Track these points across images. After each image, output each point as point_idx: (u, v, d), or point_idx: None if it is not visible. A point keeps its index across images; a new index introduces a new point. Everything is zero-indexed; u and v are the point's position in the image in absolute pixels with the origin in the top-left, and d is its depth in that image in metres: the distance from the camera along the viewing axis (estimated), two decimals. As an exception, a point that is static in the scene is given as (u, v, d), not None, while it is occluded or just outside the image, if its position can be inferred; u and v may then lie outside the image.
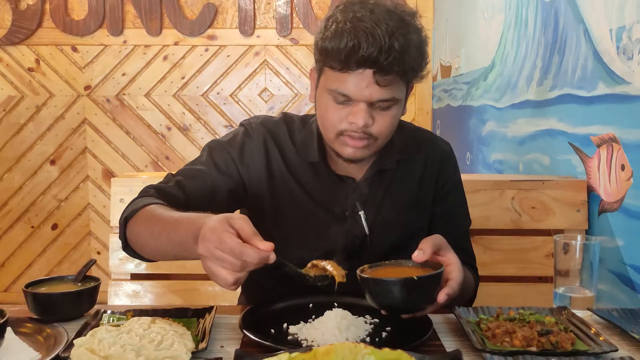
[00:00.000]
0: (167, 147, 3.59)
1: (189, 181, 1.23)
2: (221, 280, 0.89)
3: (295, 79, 3.55)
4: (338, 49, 1.08)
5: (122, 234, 1.13)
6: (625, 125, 1.43)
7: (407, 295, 0.94)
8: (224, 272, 0.88)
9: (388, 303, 0.98)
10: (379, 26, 1.07)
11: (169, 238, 1.01)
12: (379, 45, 1.06)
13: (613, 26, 1.47)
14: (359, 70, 1.09)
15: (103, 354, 0.82)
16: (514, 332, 0.93)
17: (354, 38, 1.07)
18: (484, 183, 1.69)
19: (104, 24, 3.46)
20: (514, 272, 1.69)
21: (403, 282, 0.93)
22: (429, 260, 1.01)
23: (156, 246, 1.06)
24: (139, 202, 1.13)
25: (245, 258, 0.87)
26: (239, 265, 0.87)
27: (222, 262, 0.87)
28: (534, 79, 2.02)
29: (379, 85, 1.10)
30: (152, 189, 1.19)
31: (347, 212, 1.28)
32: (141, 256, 1.13)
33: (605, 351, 0.88)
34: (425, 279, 0.95)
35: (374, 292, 0.97)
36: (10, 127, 3.53)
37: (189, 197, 1.20)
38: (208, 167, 1.26)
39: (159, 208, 1.08)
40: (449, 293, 0.98)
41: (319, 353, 0.73)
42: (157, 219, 1.05)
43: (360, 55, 1.07)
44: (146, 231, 1.07)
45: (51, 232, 3.61)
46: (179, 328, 0.93)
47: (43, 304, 1.06)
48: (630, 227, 1.41)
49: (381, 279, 0.96)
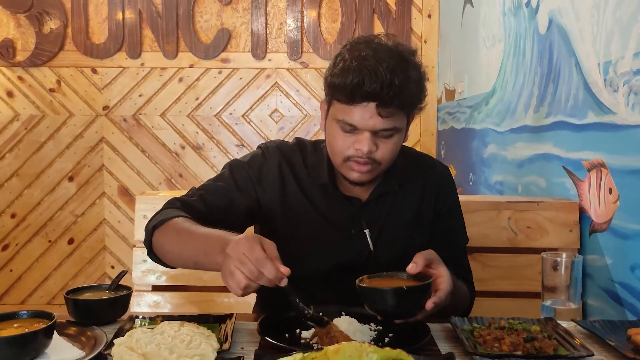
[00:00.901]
0: (181, 165, 3.73)
1: (211, 196, 1.36)
2: (235, 281, 1.01)
3: (305, 101, 3.68)
4: (345, 84, 1.22)
5: (148, 241, 1.27)
6: (612, 152, 1.55)
7: (399, 303, 1.08)
8: (240, 275, 1.00)
9: (382, 309, 1.11)
10: (381, 64, 1.20)
11: (195, 248, 1.15)
12: (380, 82, 1.19)
13: (601, 60, 1.60)
14: (364, 103, 1.23)
15: (140, 351, 0.94)
16: (503, 338, 1.04)
17: (358, 75, 1.20)
18: (482, 204, 1.80)
19: (123, 47, 3.61)
20: (509, 288, 1.79)
21: (394, 291, 1.07)
22: (421, 273, 1.14)
23: (180, 254, 1.20)
24: (167, 213, 1.27)
25: (264, 270, 1.00)
26: (255, 275, 1.00)
27: (242, 267, 1.00)
28: (531, 106, 2.14)
29: (381, 117, 1.23)
30: (178, 201, 1.33)
31: (353, 230, 1.40)
32: (162, 261, 1.27)
33: (583, 355, 0.99)
34: (414, 289, 1.08)
35: (370, 299, 1.10)
36: (31, 145, 3.67)
37: (211, 211, 1.33)
38: (229, 184, 1.39)
39: (186, 222, 1.22)
40: (436, 302, 1.10)
41: (329, 351, 0.85)
42: (186, 231, 1.19)
43: (364, 90, 1.20)
44: (173, 240, 1.21)
45: (67, 247, 3.73)
46: (205, 331, 1.05)
47: (83, 309, 1.18)
48: (617, 247, 1.52)
49: (376, 288, 1.09)
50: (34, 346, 0.98)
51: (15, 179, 3.67)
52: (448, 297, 1.13)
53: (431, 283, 1.10)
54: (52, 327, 1.01)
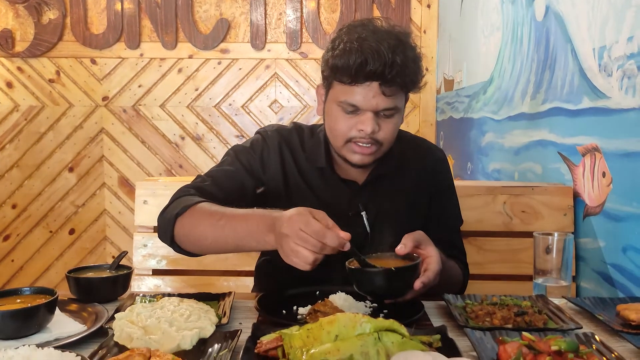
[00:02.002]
0: (181, 156, 3.75)
1: (223, 180, 1.37)
2: (301, 258, 1.02)
3: (304, 91, 3.70)
4: (348, 65, 1.24)
5: (170, 230, 1.25)
6: (605, 136, 1.57)
7: (387, 283, 1.09)
8: (305, 251, 1.01)
9: (371, 290, 1.12)
10: (382, 44, 1.22)
11: (234, 229, 1.14)
12: (383, 61, 1.21)
13: (596, 45, 1.61)
14: (366, 83, 1.25)
15: (141, 324, 0.97)
16: (494, 313, 1.07)
17: (361, 55, 1.22)
18: (477, 188, 1.83)
19: (122, 38, 3.62)
20: (504, 271, 1.82)
21: (383, 272, 1.08)
22: (410, 253, 1.15)
23: (216, 238, 1.18)
24: (186, 200, 1.26)
25: (326, 241, 1.01)
26: (319, 247, 1.01)
27: (305, 243, 1.01)
28: (527, 93, 2.16)
29: (384, 95, 1.25)
30: (191, 188, 1.33)
31: (350, 212, 1.42)
32: (187, 251, 1.26)
33: (571, 328, 1.01)
34: (403, 269, 1.09)
35: (359, 280, 1.12)
36: (31, 136, 3.69)
37: (226, 195, 1.33)
38: (237, 168, 1.40)
39: (214, 205, 1.21)
40: (424, 282, 1.12)
41: (324, 322, 0.87)
42: (219, 213, 1.18)
43: (368, 70, 1.22)
44: (207, 224, 1.18)
45: (68, 237, 3.76)
46: (204, 306, 1.08)
47: (84, 287, 1.21)
48: (610, 229, 1.54)
49: (365, 269, 1.11)
50: (36, 320, 1.01)
51: (15, 170, 3.69)
52: (437, 277, 1.15)
53: (419, 264, 1.12)
54: (54, 301, 1.04)
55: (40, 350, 0.87)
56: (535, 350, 0.86)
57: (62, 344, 0.96)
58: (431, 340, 0.93)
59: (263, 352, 0.89)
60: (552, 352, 0.85)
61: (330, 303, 1.14)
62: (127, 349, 0.91)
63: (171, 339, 0.93)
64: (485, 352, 0.92)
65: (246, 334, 0.96)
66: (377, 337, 0.85)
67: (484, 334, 0.99)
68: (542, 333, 0.98)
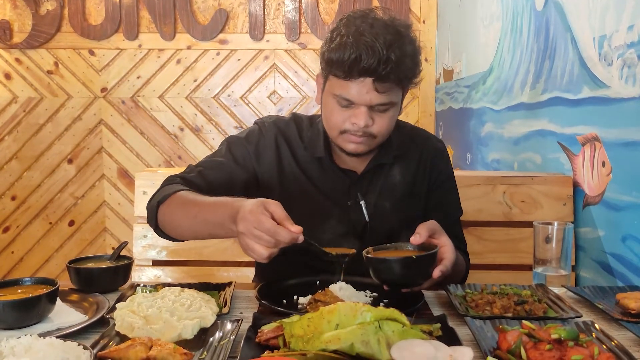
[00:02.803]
0: (180, 147, 3.74)
1: (210, 171, 1.38)
2: (257, 254, 1.06)
3: (303, 82, 3.69)
4: (342, 60, 1.23)
5: (154, 217, 1.28)
6: (605, 125, 1.56)
7: (407, 272, 1.09)
8: (260, 248, 1.05)
9: (390, 279, 1.13)
10: (378, 40, 1.21)
11: (206, 219, 1.17)
12: (377, 58, 1.20)
13: (596, 34, 1.61)
14: (360, 78, 1.24)
15: (142, 314, 0.97)
16: (494, 302, 1.07)
17: (356, 51, 1.21)
18: (477, 178, 1.83)
19: (120, 29, 3.61)
20: (504, 261, 1.82)
21: (403, 260, 1.09)
22: (424, 243, 1.16)
23: (191, 226, 1.21)
24: (169, 188, 1.28)
25: (279, 237, 1.03)
26: (272, 243, 1.04)
27: (259, 240, 1.04)
28: (527, 83, 2.16)
29: (378, 92, 1.25)
30: (177, 177, 1.34)
31: (349, 202, 1.42)
32: (170, 237, 1.28)
33: (571, 317, 1.02)
34: (423, 258, 1.10)
35: (378, 269, 1.12)
36: (29, 128, 3.68)
37: (210, 186, 1.34)
38: (227, 159, 1.41)
39: (190, 194, 1.23)
40: (442, 270, 1.13)
41: (325, 311, 0.87)
42: (192, 203, 1.20)
43: (362, 66, 1.21)
44: (182, 213, 1.22)
45: (68, 229, 3.76)
46: (205, 296, 1.08)
47: (85, 278, 1.21)
48: (609, 219, 1.54)
49: (385, 258, 1.11)
50: (38, 310, 1.01)
51: (14, 162, 3.69)
52: (452, 266, 1.16)
53: (437, 252, 1.12)
54: (55, 292, 1.04)
55: (42, 340, 0.87)
56: (535, 339, 0.86)
57: (64, 333, 0.97)
58: (431, 329, 0.93)
59: (264, 341, 0.90)
60: (552, 340, 0.85)
61: (331, 292, 1.14)
62: (128, 339, 0.91)
63: (172, 329, 0.94)
64: (485, 340, 0.93)
65: (247, 323, 0.96)
66: (377, 326, 0.85)
67: (484, 322, 0.99)
68: (542, 322, 0.99)
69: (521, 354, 0.85)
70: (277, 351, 0.87)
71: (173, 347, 0.86)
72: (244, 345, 0.88)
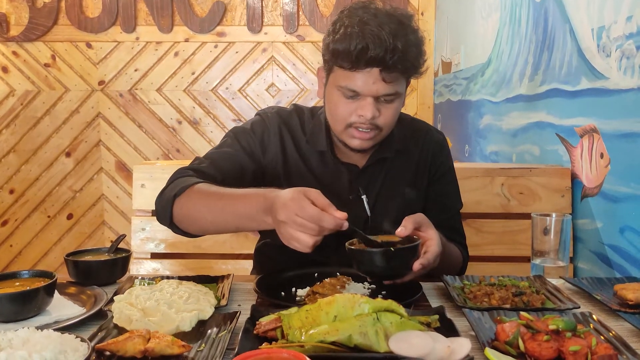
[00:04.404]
0: (178, 140, 3.73)
1: (222, 162, 1.35)
2: (301, 243, 1.02)
3: (302, 75, 3.67)
4: (348, 50, 1.22)
5: (169, 211, 1.23)
6: (603, 117, 1.56)
7: (386, 264, 1.09)
8: (303, 236, 1.01)
9: (370, 270, 1.12)
10: (383, 29, 1.20)
11: (235, 211, 1.13)
12: (384, 47, 1.19)
13: (594, 26, 1.60)
14: (367, 68, 1.23)
15: (140, 307, 0.97)
16: (492, 293, 1.07)
17: (362, 40, 1.20)
18: (475, 170, 1.83)
19: (117, 21, 3.59)
20: (502, 253, 1.82)
21: (382, 252, 1.08)
22: (410, 235, 1.15)
23: (215, 219, 1.17)
24: (184, 181, 1.24)
25: (323, 224, 1.01)
26: (317, 230, 1.01)
27: (302, 228, 1.01)
28: (526, 75, 2.15)
29: (385, 82, 1.24)
30: (189, 169, 1.31)
31: (351, 196, 1.42)
32: (186, 232, 1.25)
33: (569, 308, 1.02)
34: (401, 250, 1.09)
35: (359, 260, 1.12)
36: (27, 121, 3.67)
37: (224, 177, 1.31)
38: (235, 149, 1.39)
39: (212, 186, 1.20)
40: (423, 263, 1.11)
41: (323, 303, 0.88)
42: (216, 195, 1.17)
43: (369, 55, 1.20)
44: (204, 206, 1.17)
45: (66, 222, 3.76)
46: (203, 288, 1.08)
47: (83, 270, 1.21)
48: (607, 210, 1.54)
49: (364, 250, 1.11)
50: (36, 303, 1.01)
51: (12, 155, 3.68)
52: (437, 259, 1.15)
53: (418, 245, 1.12)
54: (53, 284, 1.04)
55: (40, 333, 0.87)
56: (533, 330, 0.86)
57: (62, 326, 0.96)
58: (429, 321, 0.93)
59: (262, 333, 0.90)
60: (549, 331, 0.85)
61: (329, 284, 1.14)
62: (126, 331, 0.91)
63: (170, 321, 0.93)
64: (483, 332, 0.93)
65: (245, 315, 0.96)
66: (375, 317, 0.85)
67: (482, 314, 0.99)
68: (540, 313, 0.99)
69: (519, 345, 0.85)
70: (275, 343, 0.87)
71: (171, 339, 0.86)
72: (242, 337, 0.88)
